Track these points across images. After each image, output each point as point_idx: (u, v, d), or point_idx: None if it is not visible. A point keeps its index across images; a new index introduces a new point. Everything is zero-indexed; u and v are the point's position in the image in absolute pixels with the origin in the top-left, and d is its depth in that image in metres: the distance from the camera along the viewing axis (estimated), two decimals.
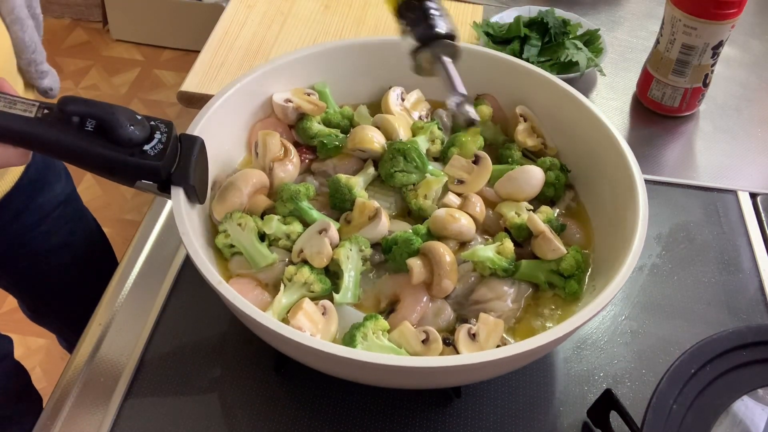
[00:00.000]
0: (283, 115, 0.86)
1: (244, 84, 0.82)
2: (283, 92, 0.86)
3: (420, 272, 0.71)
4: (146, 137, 0.65)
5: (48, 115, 0.63)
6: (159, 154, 0.65)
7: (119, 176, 0.66)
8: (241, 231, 0.74)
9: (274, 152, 0.80)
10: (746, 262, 0.92)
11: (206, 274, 0.64)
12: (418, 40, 0.73)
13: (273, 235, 0.75)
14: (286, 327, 0.62)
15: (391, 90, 0.89)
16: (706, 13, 0.99)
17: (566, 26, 1.15)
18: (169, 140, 0.66)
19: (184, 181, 0.68)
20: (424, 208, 0.78)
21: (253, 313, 0.62)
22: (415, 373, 0.61)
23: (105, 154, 0.63)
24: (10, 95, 0.63)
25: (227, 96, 0.80)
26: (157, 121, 0.66)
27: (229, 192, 0.76)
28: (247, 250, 0.74)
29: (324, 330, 0.69)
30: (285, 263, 0.74)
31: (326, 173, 0.83)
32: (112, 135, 0.63)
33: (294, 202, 0.76)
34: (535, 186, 0.80)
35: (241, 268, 0.74)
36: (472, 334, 0.68)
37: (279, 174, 0.79)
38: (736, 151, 1.07)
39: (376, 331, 0.68)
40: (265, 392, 0.76)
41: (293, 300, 0.71)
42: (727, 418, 0.64)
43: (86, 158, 0.64)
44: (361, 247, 0.74)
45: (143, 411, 0.74)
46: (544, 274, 0.75)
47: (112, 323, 0.81)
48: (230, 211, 0.75)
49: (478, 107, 0.88)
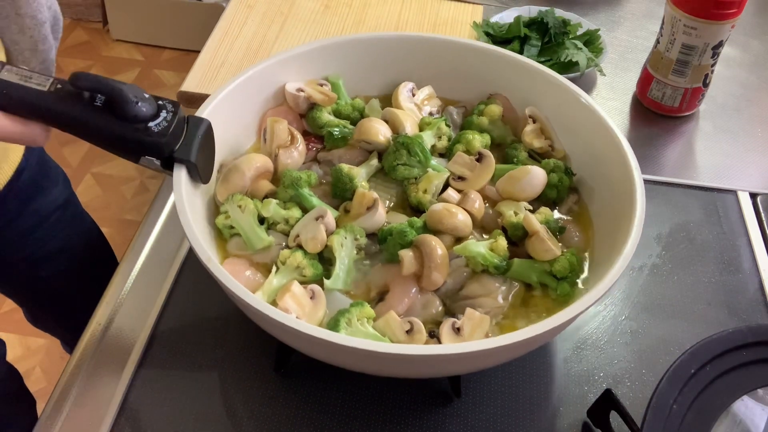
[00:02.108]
0: (294, 104, 0.87)
1: (258, 71, 0.83)
2: (296, 82, 0.87)
3: (410, 263, 0.72)
4: (152, 115, 0.67)
5: (60, 89, 0.65)
6: (163, 131, 0.67)
7: (124, 151, 0.68)
8: (240, 213, 0.75)
9: (281, 139, 0.81)
10: (746, 262, 0.92)
11: (198, 250, 0.65)
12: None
13: (271, 219, 0.76)
14: (272, 308, 0.62)
15: (402, 85, 0.90)
16: (706, 13, 0.99)
17: (566, 26, 1.16)
18: (174, 119, 0.68)
19: (185, 158, 0.69)
20: (422, 202, 0.79)
21: (239, 291, 0.63)
22: (390, 359, 0.62)
23: (112, 129, 0.65)
24: (26, 69, 0.65)
25: (240, 81, 0.81)
26: (164, 101, 0.68)
27: (233, 174, 0.77)
28: (245, 231, 0.75)
29: (311, 314, 0.69)
30: (282, 247, 0.75)
31: (331, 163, 0.84)
32: (120, 110, 0.65)
33: (295, 188, 0.77)
34: (537, 186, 0.80)
35: (239, 249, 0.75)
36: (456, 328, 0.69)
37: (284, 160, 0.81)
38: (736, 151, 1.07)
39: (361, 318, 0.69)
40: (266, 390, 0.76)
41: (284, 283, 0.72)
42: (727, 418, 0.64)
43: (94, 132, 0.66)
44: (356, 236, 0.75)
45: (144, 410, 0.74)
46: (536, 274, 0.74)
47: (111, 323, 0.81)
48: (232, 193, 0.76)
49: (488, 106, 0.88)
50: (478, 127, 0.87)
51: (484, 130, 0.87)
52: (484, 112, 0.88)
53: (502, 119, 0.89)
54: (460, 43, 0.90)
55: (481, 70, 0.90)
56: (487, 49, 0.90)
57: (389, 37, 0.91)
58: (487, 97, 0.91)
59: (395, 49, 0.91)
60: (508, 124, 0.90)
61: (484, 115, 0.88)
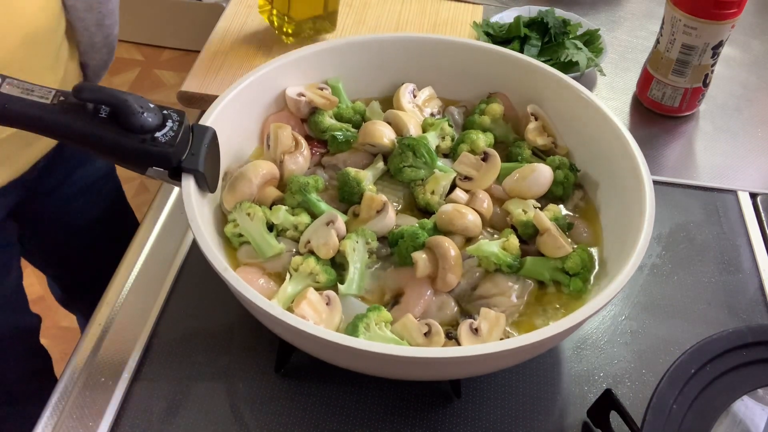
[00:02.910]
0: (295, 109, 0.86)
1: (258, 77, 0.83)
2: (296, 86, 0.87)
3: (425, 266, 0.72)
4: (158, 125, 0.66)
5: (64, 101, 0.64)
6: (170, 141, 0.66)
7: (131, 162, 0.67)
8: (249, 221, 0.75)
9: (285, 145, 0.81)
10: (746, 262, 0.92)
11: (212, 260, 0.65)
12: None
13: (281, 226, 0.76)
14: (290, 315, 0.62)
15: (403, 86, 0.90)
16: (706, 13, 0.99)
17: (566, 26, 1.16)
18: (180, 128, 0.67)
19: (194, 168, 0.69)
20: (430, 203, 0.79)
21: (257, 300, 0.63)
22: (414, 363, 0.62)
23: (118, 140, 0.65)
24: (27, 82, 0.65)
25: (241, 88, 0.81)
26: (169, 110, 0.68)
27: (240, 182, 0.77)
28: (255, 239, 0.75)
29: (327, 320, 0.69)
30: (292, 254, 0.75)
31: (336, 167, 0.84)
32: (125, 122, 0.65)
33: (303, 194, 0.77)
34: (543, 184, 0.81)
35: (249, 257, 0.75)
36: (474, 329, 0.69)
37: (289, 166, 0.81)
38: (736, 151, 1.07)
39: (379, 323, 0.69)
40: (267, 390, 0.76)
41: (298, 290, 0.72)
42: (727, 418, 0.64)
43: (99, 144, 0.65)
44: (368, 240, 0.75)
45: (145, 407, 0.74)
46: (549, 271, 0.75)
47: (111, 324, 0.81)
48: (240, 201, 0.76)
49: (489, 105, 0.88)
50: (480, 126, 0.87)
51: (486, 129, 0.87)
52: (485, 111, 0.88)
53: (503, 118, 0.89)
54: (460, 43, 0.91)
55: (481, 70, 0.90)
56: (487, 49, 0.90)
57: (388, 39, 0.91)
58: (488, 96, 0.91)
59: (394, 50, 0.91)
60: (509, 122, 0.90)
61: (485, 114, 0.88)
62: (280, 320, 0.62)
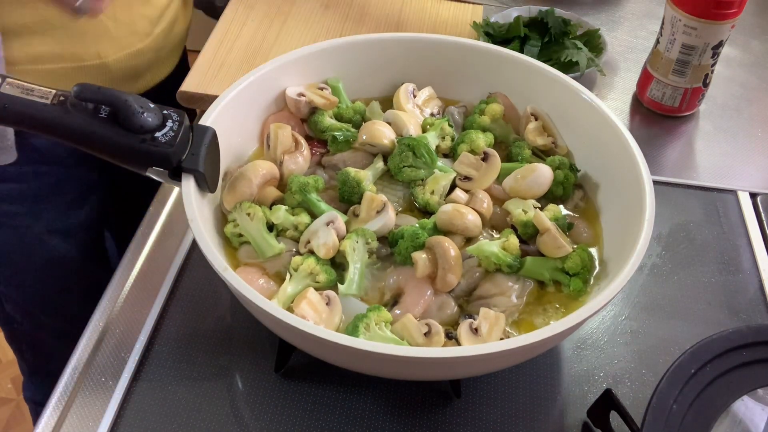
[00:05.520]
0: (295, 109, 0.87)
1: (258, 77, 0.83)
2: (296, 86, 0.87)
3: (425, 266, 0.72)
4: (158, 125, 0.66)
5: (64, 101, 0.64)
6: (170, 141, 0.66)
7: (131, 162, 0.67)
8: (249, 221, 0.75)
9: (285, 145, 0.81)
10: (746, 262, 0.92)
11: (212, 260, 0.65)
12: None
13: (281, 226, 0.76)
14: (290, 315, 0.63)
15: (403, 86, 0.90)
16: (706, 13, 0.99)
17: (566, 26, 1.15)
18: (180, 128, 0.67)
19: (194, 168, 0.69)
20: (430, 203, 0.79)
21: (257, 300, 0.63)
22: (414, 363, 0.62)
23: (118, 140, 0.65)
24: (27, 82, 0.65)
25: (241, 88, 0.81)
26: (169, 111, 0.68)
27: (239, 182, 0.77)
28: (254, 239, 0.75)
29: (327, 320, 0.69)
30: (292, 254, 0.75)
31: (336, 167, 0.84)
32: (125, 122, 0.65)
33: (303, 194, 0.77)
34: (544, 184, 0.81)
35: (249, 257, 0.75)
36: (474, 329, 0.69)
37: (289, 166, 0.81)
38: (736, 151, 1.07)
39: (379, 323, 0.69)
40: (267, 390, 0.75)
41: (298, 290, 0.72)
42: (727, 418, 0.64)
43: (100, 144, 0.66)
44: (368, 240, 0.75)
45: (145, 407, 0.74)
46: (549, 271, 0.75)
47: (110, 324, 0.81)
48: (239, 201, 0.76)
49: (489, 105, 0.88)
50: (480, 126, 0.87)
51: (486, 129, 0.87)
52: (485, 111, 0.88)
53: (503, 118, 0.89)
54: (460, 43, 0.91)
55: (481, 70, 0.90)
56: (487, 49, 0.90)
57: (388, 39, 0.91)
58: (487, 96, 0.91)
59: (394, 50, 0.91)
60: (509, 122, 0.90)
61: (485, 114, 0.88)
62: (280, 320, 0.62)
